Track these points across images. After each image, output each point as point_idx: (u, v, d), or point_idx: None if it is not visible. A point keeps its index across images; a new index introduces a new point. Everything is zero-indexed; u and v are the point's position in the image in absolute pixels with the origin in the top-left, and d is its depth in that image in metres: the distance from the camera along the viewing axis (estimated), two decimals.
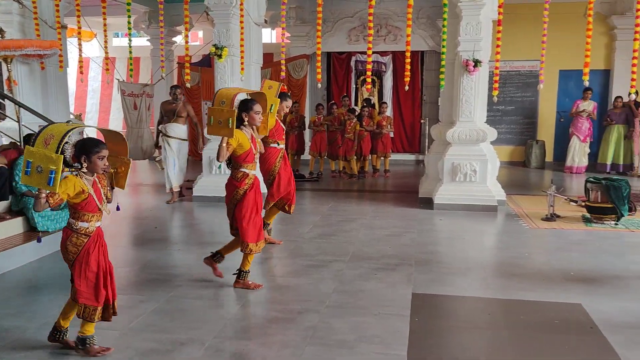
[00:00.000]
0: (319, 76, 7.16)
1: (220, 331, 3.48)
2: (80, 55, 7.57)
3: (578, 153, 10.76)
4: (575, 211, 6.90)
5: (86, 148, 2.94)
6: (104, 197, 3.11)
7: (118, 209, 3.69)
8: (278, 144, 5.44)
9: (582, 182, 7.34)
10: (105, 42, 7.14)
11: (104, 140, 3.06)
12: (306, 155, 10.78)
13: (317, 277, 4.54)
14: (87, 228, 3.04)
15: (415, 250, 5.35)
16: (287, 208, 5.59)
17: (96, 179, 3.07)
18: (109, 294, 3.11)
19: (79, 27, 7.13)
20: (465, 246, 5.57)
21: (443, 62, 6.99)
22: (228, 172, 7.50)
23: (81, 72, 7.56)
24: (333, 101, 11.26)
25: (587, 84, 6.35)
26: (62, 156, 2.76)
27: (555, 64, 10.97)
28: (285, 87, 5.81)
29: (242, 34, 7.08)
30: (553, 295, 4.11)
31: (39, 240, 3.45)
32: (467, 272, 4.71)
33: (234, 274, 4.28)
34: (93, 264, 3.05)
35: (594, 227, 6.25)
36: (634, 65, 6.48)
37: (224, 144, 4.05)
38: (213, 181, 7.76)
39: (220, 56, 7.50)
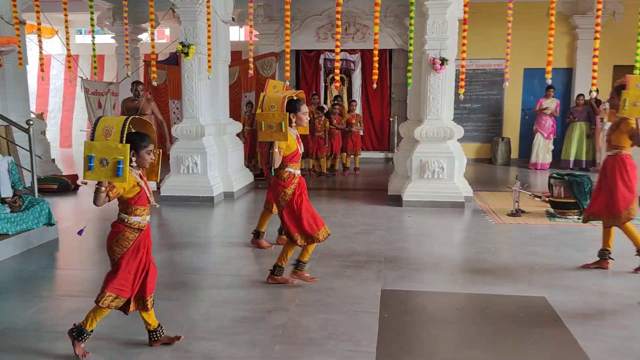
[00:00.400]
0: (288, 74, 7.15)
1: (188, 332, 3.43)
2: (40, 52, 7.36)
3: (542, 150, 11.03)
4: (539, 206, 7.06)
5: (135, 143, 2.91)
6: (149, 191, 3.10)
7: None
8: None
9: (546, 178, 7.50)
10: (67, 39, 6.94)
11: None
12: None
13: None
14: (140, 222, 3.04)
15: (385, 247, 5.38)
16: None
17: (141, 172, 3.06)
18: (144, 288, 3.10)
19: (39, 24, 6.92)
20: (433, 242, 5.63)
21: (410, 61, 7.05)
22: (197, 171, 7.62)
23: (42, 70, 7.33)
24: None
25: (549, 82, 6.50)
26: (129, 145, 2.73)
27: (520, 63, 11.18)
28: (288, 86, 5.44)
29: (209, 31, 7.00)
30: (518, 289, 4.19)
31: (79, 233, 3.43)
32: (436, 267, 4.76)
33: (293, 264, 4.31)
34: (138, 259, 3.05)
35: (558, 222, 6.40)
36: (594, 63, 6.65)
37: (277, 149, 3.94)
38: (181, 181, 7.67)
39: (187, 54, 7.40)
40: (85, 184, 3.12)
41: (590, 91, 8.55)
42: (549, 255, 5.08)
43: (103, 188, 2.77)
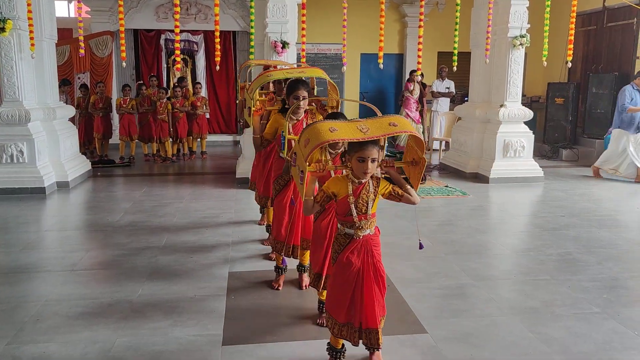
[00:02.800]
0: (124, 54, 6.75)
1: (15, 337, 3.14)
2: None
3: None
4: None
5: (348, 148, 2.64)
6: (367, 206, 2.64)
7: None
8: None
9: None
10: None
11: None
12: (115, 140, 10.13)
13: (128, 266, 4.34)
14: (344, 232, 2.73)
15: (233, 230, 5.40)
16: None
17: (370, 184, 2.65)
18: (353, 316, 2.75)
19: None
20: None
21: (252, 43, 7.08)
22: (24, 160, 6.87)
23: None
24: (141, 81, 10.68)
25: (381, 66, 6.97)
26: (307, 165, 2.51)
27: (357, 48, 11.80)
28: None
29: (29, 4, 6.33)
30: None
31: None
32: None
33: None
34: (334, 273, 2.80)
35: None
36: (419, 50, 7.28)
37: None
38: (4, 171, 6.89)
39: (3, 29, 6.60)
40: None
41: (416, 75, 9.35)
42: (383, 227, 5.49)
43: (310, 198, 2.66)
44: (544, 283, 4.06)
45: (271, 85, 5.39)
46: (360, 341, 2.74)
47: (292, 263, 4.01)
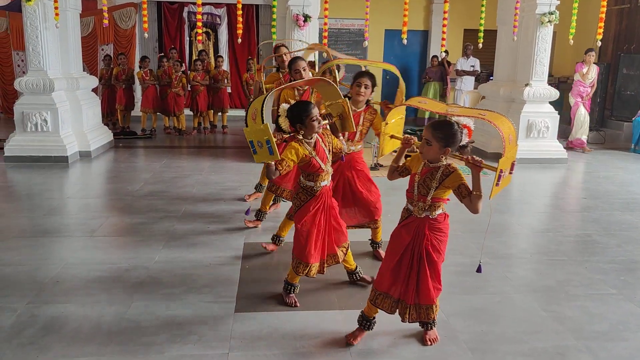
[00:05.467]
0: (146, 25, 6.77)
1: (35, 296, 3.23)
2: None
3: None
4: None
5: (296, 115, 2.95)
6: (328, 155, 3.11)
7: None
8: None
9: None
10: None
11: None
12: (137, 112, 10.22)
13: (146, 234, 4.41)
14: (312, 187, 3.11)
15: (250, 202, 5.42)
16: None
17: (319, 137, 3.06)
18: (322, 253, 3.17)
19: None
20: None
21: (274, 16, 7.03)
22: (47, 129, 7.00)
23: None
24: (162, 54, 10.70)
25: (405, 42, 6.86)
26: (267, 124, 2.70)
27: (381, 24, 11.63)
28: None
29: None
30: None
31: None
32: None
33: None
34: (308, 221, 3.10)
35: None
36: (444, 25, 7.15)
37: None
38: (29, 140, 7.03)
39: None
40: None
41: (441, 52, 9.17)
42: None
43: (272, 163, 2.83)
44: (560, 263, 4.01)
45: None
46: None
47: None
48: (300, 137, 3.00)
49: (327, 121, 3.16)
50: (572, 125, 9.14)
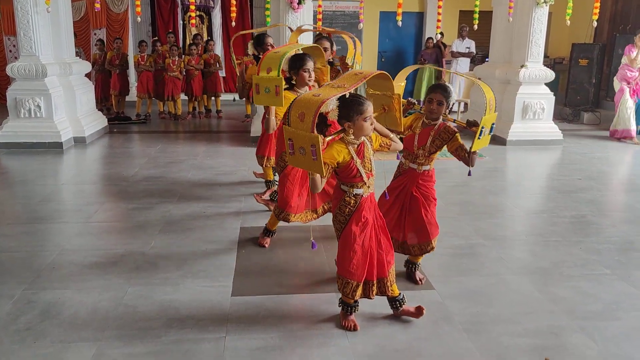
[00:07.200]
0: (139, 9, 6.70)
1: (32, 283, 3.24)
2: None
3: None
4: None
5: (346, 112, 2.54)
6: (371, 162, 2.68)
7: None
8: None
9: None
10: None
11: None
12: (132, 97, 10.15)
13: (141, 219, 4.41)
14: (354, 194, 2.70)
15: (246, 186, 5.42)
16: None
17: (367, 140, 2.67)
18: (368, 272, 2.75)
19: None
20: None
21: None
22: (41, 115, 6.95)
23: None
24: (156, 37, 10.60)
25: (399, 24, 6.82)
26: (319, 136, 2.28)
27: (376, 6, 11.52)
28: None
29: None
30: None
31: (313, 247, 2.84)
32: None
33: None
34: (352, 234, 2.69)
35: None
36: (439, 7, 7.10)
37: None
38: (22, 126, 6.99)
39: None
40: None
41: (436, 34, 9.16)
42: None
43: (317, 177, 2.49)
44: (555, 244, 4.04)
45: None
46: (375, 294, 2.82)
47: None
48: (349, 137, 2.61)
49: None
50: (616, 111, 8.36)
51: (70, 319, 2.84)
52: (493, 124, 2.97)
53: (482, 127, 2.87)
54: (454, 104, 2.98)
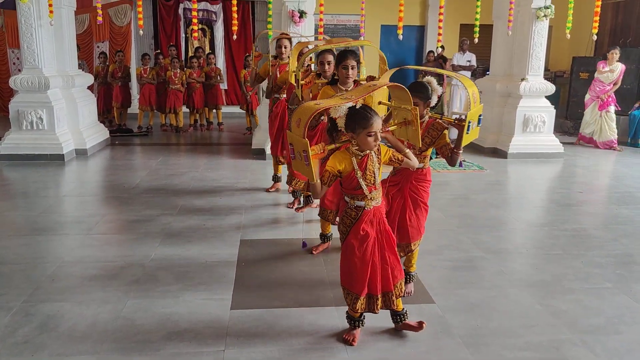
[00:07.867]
0: (141, 22, 6.75)
1: (31, 295, 3.23)
2: None
3: None
4: None
5: (352, 123, 2.51)
6: (374, 176, 2.61)
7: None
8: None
9: None
10: None
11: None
12: (134, 109, 10.19)
13: (142, 231, 4.41)
14: (355, 205, 2.66)
15: (246, 199, 5.43)
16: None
17: (373, 153, 2.60)
18: (372, 286, 2.72)
19: None
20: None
21: (270, 12, 7.01)
22: (43, 127, 6.98)
23: None
24: (159, 51, 10.67)
25: (400, 37, 6.85)
26: (307, 141, 2.31)
27: (377, 19, 11.60)
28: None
29: None
30: None
31: (303, 246, 2.89)
32: (293, 216, 4.92)
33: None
34: (350, 247, 2.68)
35: None
36: (440, 20, 7.15)
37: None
38: (24, 138, 7.02)
39: None
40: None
41: (437, 47, 9.22)
42: None
43: (318, 182, 2.52)
44: (556, 257, 4.02)
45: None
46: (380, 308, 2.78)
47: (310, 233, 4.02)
48: (354, 147, 2.57)
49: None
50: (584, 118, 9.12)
51: (68, 332, 2.83)
52: (480, 115, 3.01)
53: (470, 122, 2.92)
54: (443, 112, 3.02)
